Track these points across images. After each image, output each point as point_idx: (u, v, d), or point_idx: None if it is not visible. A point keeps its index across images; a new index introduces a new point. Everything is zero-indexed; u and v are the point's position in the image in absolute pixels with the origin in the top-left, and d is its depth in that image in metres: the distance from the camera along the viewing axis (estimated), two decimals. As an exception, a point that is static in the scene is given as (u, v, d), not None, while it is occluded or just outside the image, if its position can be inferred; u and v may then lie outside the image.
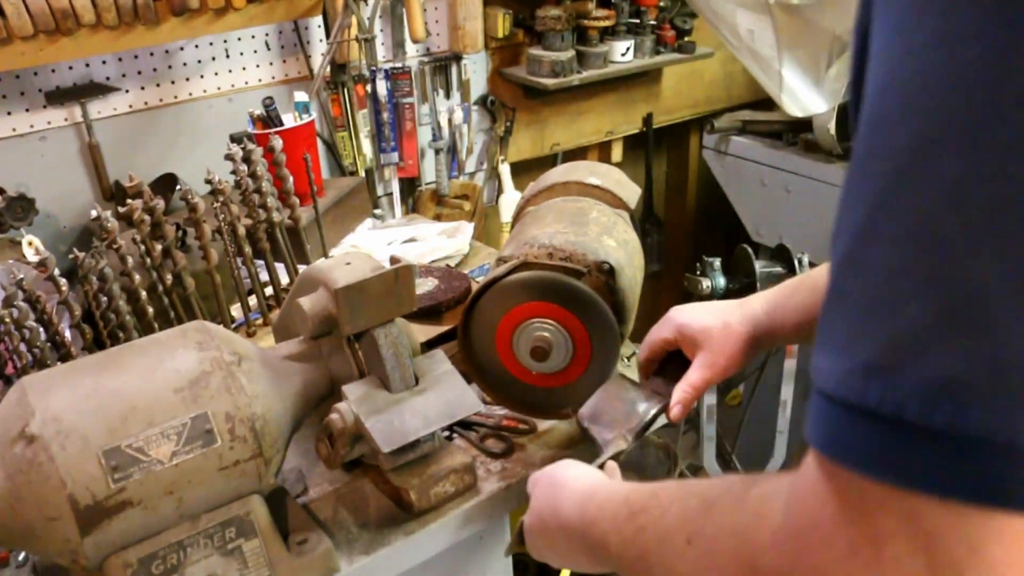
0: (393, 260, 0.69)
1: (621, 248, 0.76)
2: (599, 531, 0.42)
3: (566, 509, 0.48)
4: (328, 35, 1.43)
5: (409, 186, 1.67)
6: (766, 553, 0.27)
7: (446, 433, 0.76)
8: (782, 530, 0.27)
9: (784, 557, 0.26)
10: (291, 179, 1.02)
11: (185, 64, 1.35)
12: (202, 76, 1.37)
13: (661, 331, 0.67)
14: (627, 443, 0.63)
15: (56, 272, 0.78)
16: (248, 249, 0.97)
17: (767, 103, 2.04)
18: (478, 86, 1.70)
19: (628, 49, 1.72)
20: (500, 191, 1.78)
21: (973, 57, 0.20)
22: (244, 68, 1.41)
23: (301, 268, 1.01)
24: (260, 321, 1.01)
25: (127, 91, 1.31)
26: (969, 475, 0.20)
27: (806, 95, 0.82)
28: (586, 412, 0.67)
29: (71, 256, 0.82)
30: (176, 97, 1.36)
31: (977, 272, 0.20)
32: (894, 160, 0.22)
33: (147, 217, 0.88)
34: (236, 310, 1.01)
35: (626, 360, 0.84)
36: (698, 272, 1.90)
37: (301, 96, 1.27)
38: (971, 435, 0.20)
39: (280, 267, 1.04)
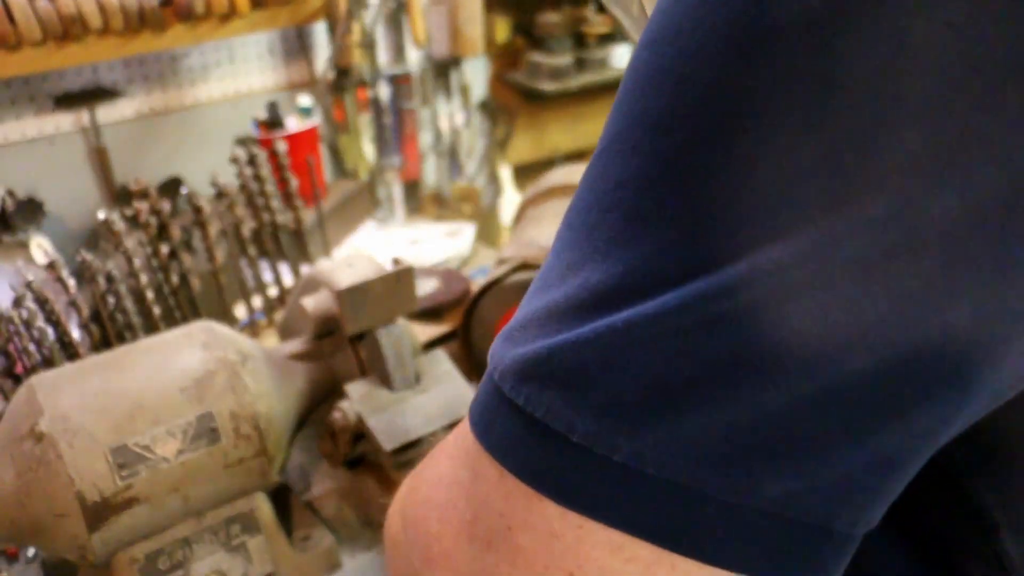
0: (395, 261, 0.70)
1: (619, 250, 0.77)
2: None
3: None
4: (331, 41, 1.44)
5: (411, 189, 1.69)
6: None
7: (447, 432, 0.77)
8: (407, 486, 0.29)
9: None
10: (295, 182, 1.03)
11: (191, 69, 1.36)
12: (207, 81, 1.39)
13: None
14: None
15: (64, 273, 0.79)
16: (253, 250, 0.98)
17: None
18: (478, 91, 1.71)
19: (627, 54, 1.73)
20: (500, 194, 1.79)
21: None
22: (248, 73, 1.42)
23: (304, 269, 1.02)
24: (264, 321, 1.03)
25: (133, 96, 1.33)
26: (529, 455, 0.20)
27: None
28: None
29: (79, 258, 0.83)
30: (182, 102, 1.38)
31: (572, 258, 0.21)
32: (603, 136, 0.22)
33: (153, 219, 0.89)
34: (240, 310, 1.02)
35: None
36: (698, 274, 1.91)
37: (305, 100, 1.28)
38: (538, 417, 0.20)
39: (284, 268, 1.05)
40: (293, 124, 1.25)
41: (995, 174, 0.16)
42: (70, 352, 0.79)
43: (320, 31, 1.47)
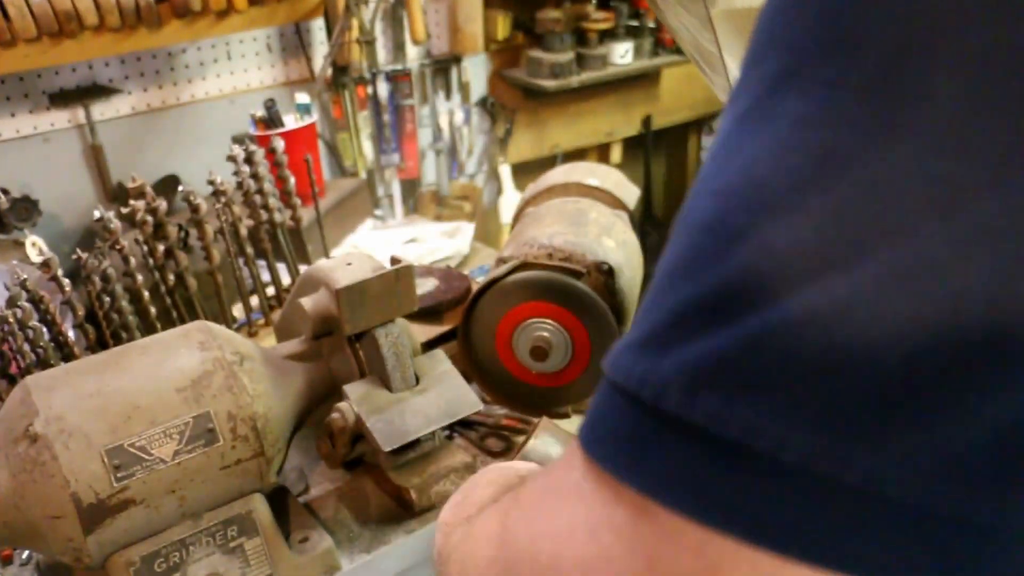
0: (394, 260, 0.69)
1: (620, 249, 0.76)
2: None
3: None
4: (329, 37, 1.44)
5: (410, 187, 1.68)
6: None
7: (446, 432, 0.77)
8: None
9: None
10: (293, 180, 1.03)
11: (187, 66, 1.36)
12: (204, 78, 1.38)
13: None
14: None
15: (59, 272, 0.78)
16: (250, 249, 0.98)
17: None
18: (478, 88, 1.70)
19: (627, 51, 1.73)
20: (500, 192, 1.78)
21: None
22: (246, 70, 1.41)
23: (302, 268, 1.02)
24: (262, 321, 1.02)
25: (130, 93, 1.32)
26: (711, 489, 0.16)
27: None
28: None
29: (74, 256, 0.83)
30: (178, 99, 1.37)
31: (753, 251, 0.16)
32: (738, 103, 0.18)
33: (150, 218, 0.88)
34: (238, 310, 1.01)
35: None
36: (698, 273, 1.90)
37: (303, 98, 1.28)
38: (728, 437, 0.15)
39: (282, 267, 1.04)
40: (291, 122, 1.25)
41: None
42: (65, 352, 0.79)
43: (318, 28, 1.46)
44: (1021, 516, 0.14)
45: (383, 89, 1.52)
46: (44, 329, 0.76)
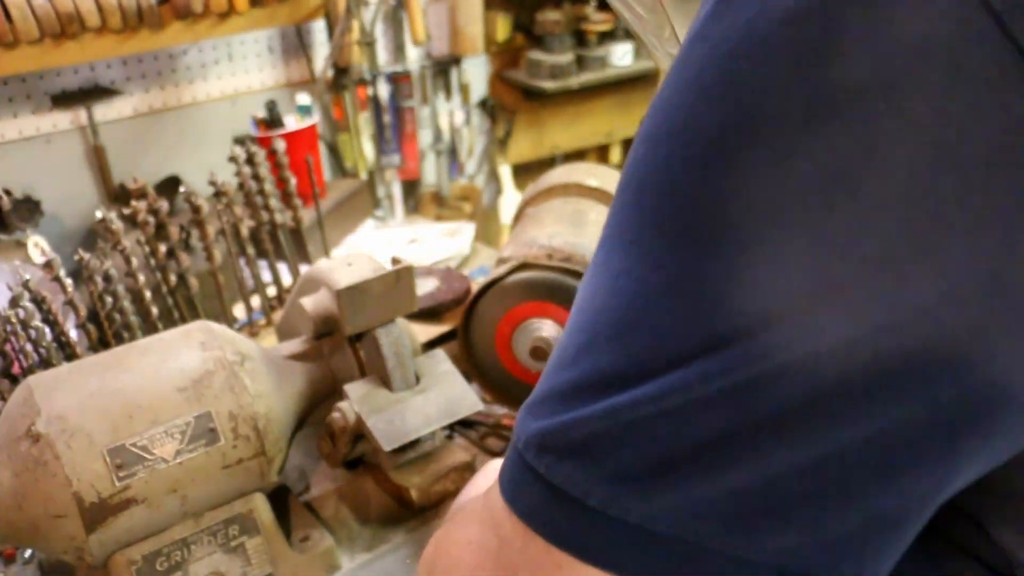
0: (394, 261, 0.70)
1: (619, 249, 0.76)
2: None
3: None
4: (330, 39, 1.44)
5: (410, 188, 1.68)
6: None
7: (447, 432, 0.77)
8: (441, 533, 0.30)
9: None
10: (294, 181, 1.03)
11: (189, 67, 1.36)
12: (205, 79, 1.38)
13: None
14: None
15: (62, 273, 0.78)
16: (251, 250, 0.98)
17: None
18: (478, 89, 1.71)
19: (627, 52, 1.73)
20: (500, 193, 1.78)
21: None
22: (247, 71, 1.42)
23: (303, 269, 1.02)
24: (263, 321, 1.02)
25: (131, 94, 1.32)
26: (553, 518, 0.23)
27: None
28: None
29: (76, 257, 0.83)
30: (180, 100, 1.37)
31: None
32: (605, 231, 0.25)
33: (151, 219, 0.89)
34: (239, 310, 1.02)
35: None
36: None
37: (304, 99, 1.28)
38: (557, 485, 0.23)
39: (283, 268, 1.05)
40: (292, 123, 1.25)
41: (970, 263, 0.18)
42: (67, 352, 0.79)
43: (319, 29, 1.46)
44: (772, 553, 0.20)
45: (384, 90, 1.52)
46: (46, 329, 0.77)
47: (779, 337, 0.19)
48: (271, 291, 1.05)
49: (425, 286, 0.98)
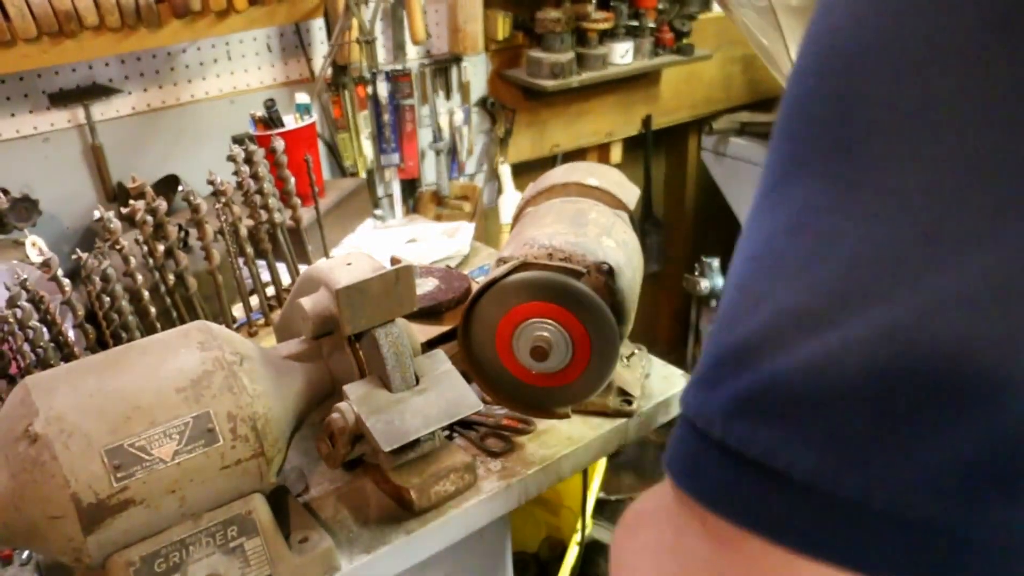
0: (394, 260, 0.69)
1: (620, 249, 0.76)
2: None
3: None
4: (329, 37, 1.43)
5: (409, 187, 1.68)
6: None
7: (446, 432, 0.77)
8: (621, 526, 0.27)
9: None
10: (292, 180, 1.03)
11: (187, 66, 1.36)
12: (204, 78, 1.38)
13: None
14: None
15: (59, 272, 0.78)
16: (250, 249, 0.98)
17: (766, 104, 2.05)
18: (478, 88, 1.70)
19: (627, 51, 1.73)
20: (500, 192, 1.78)
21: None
22: (246, 70, 1.41)
23: (302, 268, 1.02)
24: (262, 321, 1.02)
25: (130, 93, 1.32)
26: (745, 498, 0.20)
27: None
28: None
29: (74, 256, 0.83)
30: (178, 99, 1.37)
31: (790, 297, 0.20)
32: (766, 178, 0.22)
33: (149, 218, 0.88)
34: (238, 310, 1.01)
35: (625, 360, 0.84)
36: (697, 272, 1.90)
37: (302, 98, 1.28)
38: (753, 457, 0.20)
39: (281, 267, 1.04)
40: (291, 121, 1.25)
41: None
42: (65, 352, 0.79)
43: (318, 28, 1.46)
44: (995, 529, 0.18)
45: (383, 89, 1.52)
46: (44, 329, 0.76)
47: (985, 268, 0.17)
48: (270, 291, 1.05)
49: (425, 286, 0.98)
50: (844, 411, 0.18)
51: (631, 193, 0.86)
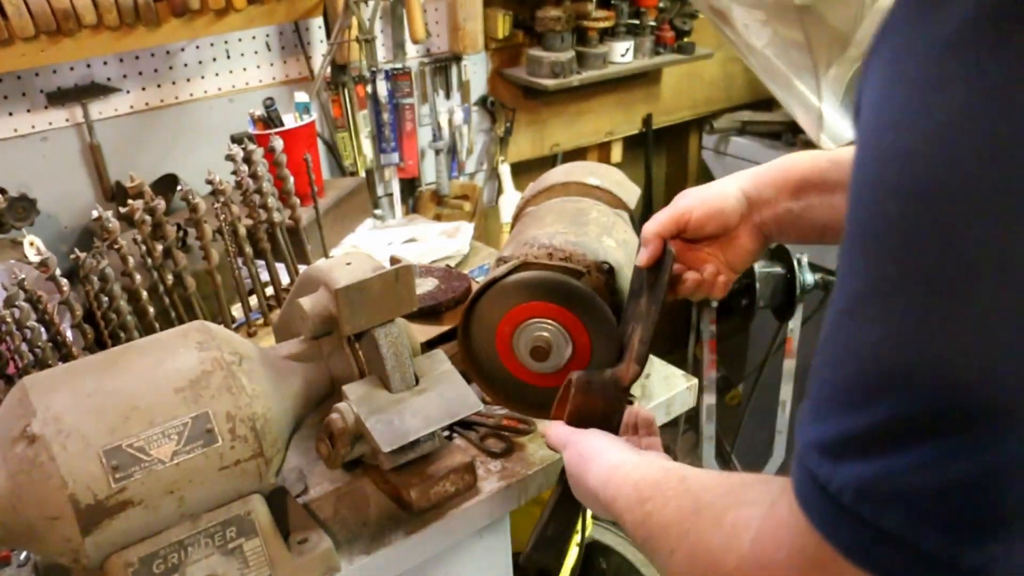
0: (393, 260, 0.69)
1: (621, 248, 0.76)
2: (616, 509, 0.48)
3: (591, 483, 0.52)
4: (328, 36, 1.43)
5: (409, 186, 1.67)
6: None
7: (446, 433, 0.76)
8: (745, 561, 0.32)
9: None
10: (292, 179, 1.02)
11: (186, 65, 1.35)
12: (203, 77, 1.37)
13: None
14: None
15: (57, 272, 0.78)
16: (249, 249, 0.97)
17: (766, 104, 2.04)
18: (478, 87, 1.70)
19: (628, 50, 1.72)
20: (500, 191, 1.78)
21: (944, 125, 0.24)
22: (245, 69, 1.41)
23: (302, 268, 1.01)
24: (261, 321, 1.02)
25: (128, 92, 1.31)
26: (888, 562, 0.25)
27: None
28: None
29: (72, 256, 0.82)
30: (177, 98, 1.36)
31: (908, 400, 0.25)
32: (855, 282, 0.27)
33: (148, 217, 0.88)
34: (237, 310, 1.01)
35: (626, 360, 0.84)
36: (698, 272, 1.89)
37: (302, 97, 1.27)
38: (888, 530, 0.25)
39: (281, 267, 1.04)
40: (290, 121, 1.24)
41: None
42: (63, 352, 0.78)
43: (317, 26, 1.45)
44: None
45: (382, 88, 1.52)
46: (42, 329, 0.76)
47: None
48: (269, 291, 1.04)
49: (425, 286, 0.98)
50: (963, 503, 0.24)
51: (632, 192, 0.86)
